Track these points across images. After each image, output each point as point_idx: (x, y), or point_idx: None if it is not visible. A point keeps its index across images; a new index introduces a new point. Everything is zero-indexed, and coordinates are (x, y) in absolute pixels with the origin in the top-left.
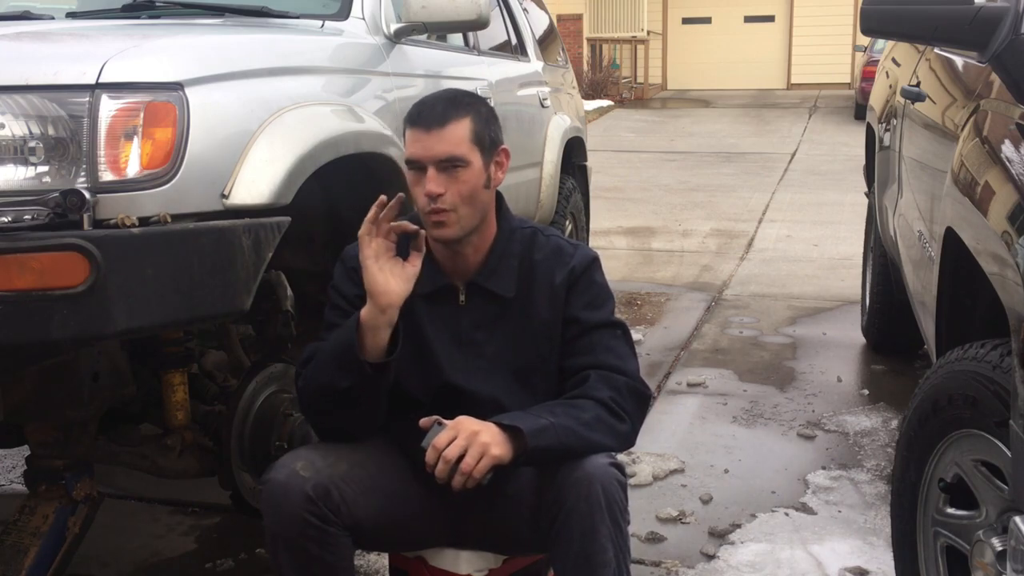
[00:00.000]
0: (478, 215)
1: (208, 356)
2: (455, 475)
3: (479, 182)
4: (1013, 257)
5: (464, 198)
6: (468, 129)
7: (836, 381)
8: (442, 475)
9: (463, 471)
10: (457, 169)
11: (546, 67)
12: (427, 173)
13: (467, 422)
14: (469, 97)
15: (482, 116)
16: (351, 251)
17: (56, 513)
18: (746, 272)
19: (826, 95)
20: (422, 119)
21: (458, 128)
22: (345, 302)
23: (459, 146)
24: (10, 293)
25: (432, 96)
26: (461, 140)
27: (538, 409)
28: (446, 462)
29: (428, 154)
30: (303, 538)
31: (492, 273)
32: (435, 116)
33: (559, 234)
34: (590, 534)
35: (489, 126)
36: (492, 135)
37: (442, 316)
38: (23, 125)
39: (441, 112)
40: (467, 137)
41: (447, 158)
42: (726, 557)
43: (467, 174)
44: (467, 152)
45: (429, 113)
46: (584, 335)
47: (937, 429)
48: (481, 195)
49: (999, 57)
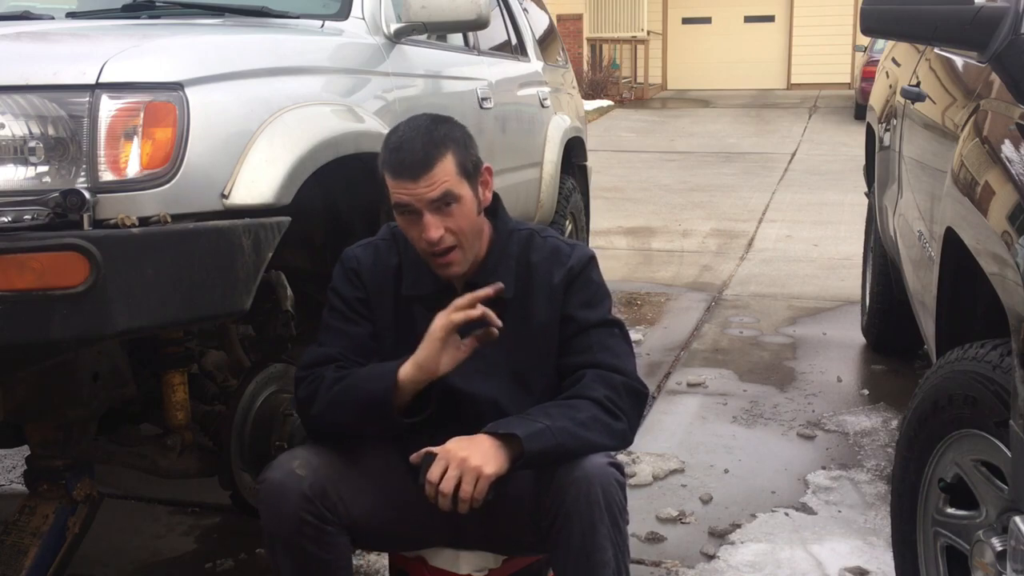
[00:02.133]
0: (477, 239)
1: (208, 356)
2: (457, 504)
3: (472, 210)
4: (1013, 257)
5: (462, 230)
6: (453, 164)
7: (836, 381)
8: (445, 507)
9: (463, 499)
10: (451, 205)
11: (546, 67)
12: (423, 218)
13: (455, 448)
14: (444, 127)
15: (460, 144)
16: (351, 252)
17: (56, 513)
18: (746, 272)
19: (826, 95)
20: (405, 168)
21: (443, 167)
22: (344, 305)
23: (449, 184)
24: (10, 293)
25: (406, 138)
26: (449, 176)
27: (534, 411)
28: (444, 496)
29: (421, 199)
30: (300, 537)
31: (491, 274)
32: (417, 162)
33: (556, 235)
34: (589, 534)
35: (469, 151)
36: (474, 160)
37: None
38: (23, 125)
39: (423, 156)
40: (454, 172)
41: (439, 198)
42: (726, 557)
43: (462, 206)
44: (456, 186)
45: (411, 159)
46: (581, 334)
47: (937, 429)
48: (476, 221)
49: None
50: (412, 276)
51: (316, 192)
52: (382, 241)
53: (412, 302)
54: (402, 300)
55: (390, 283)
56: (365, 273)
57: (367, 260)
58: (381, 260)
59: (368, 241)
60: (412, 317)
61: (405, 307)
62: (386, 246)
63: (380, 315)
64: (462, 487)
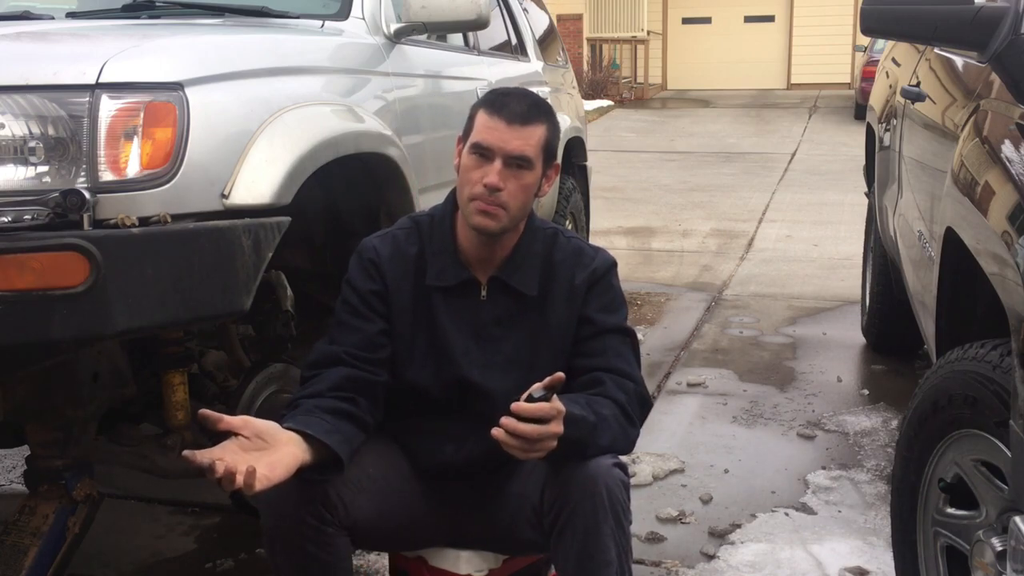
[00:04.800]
0: (521, 217)
1: (208, 356)
2: (512, 439)
3: (532, 188)
4: (1013, 257)
5: (518, 199)
6: (543, 135)
7: (836, 381)
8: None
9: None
10: (522, 170)
11: (546, 67)
12: (493, 163)
13: (562, 420)
14: (548, 106)
15: (554, 128)
16: (369, 243)
17: (56, 513)
18: (746, 272)
19: (826, 95)
20: (506, 110)
21: (536, 131)
22: (357, 298)
23: (532, 148)
24: (10, 293)
25: (514, 90)
26: (536, 143)
27: (566, 399)
28: (537, 432)
29: (503, 147)
30: (301, 538)
31: (516, 270)
32: (519, 112)
33: (579, 236)
34: (593, 533)
35: (556, 139)
36: (554, 149)
37: (461, 310)
38: (23, 125)
39: (525, 111)
40: (540, 143)
41: (519, 156)
42: (726, 557)
43: (529, 177)
44: (535, 156)
45: (514, 107)
46: (597, 337)
47: (937, 429)
48: (530, 199)
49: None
50: (437, 267)
51: (316, 192)
52: (400, 231)
53: (432, 291)
54: (422, 289)
55: (410, 272)
56: (384, 264)
57: (385, 251)
58: (400, 250)
59: (386, 232)
60: (431, 306)
61: (424, 296)
62: (405, 235)
63: (397, 306)
64: (533, 445)
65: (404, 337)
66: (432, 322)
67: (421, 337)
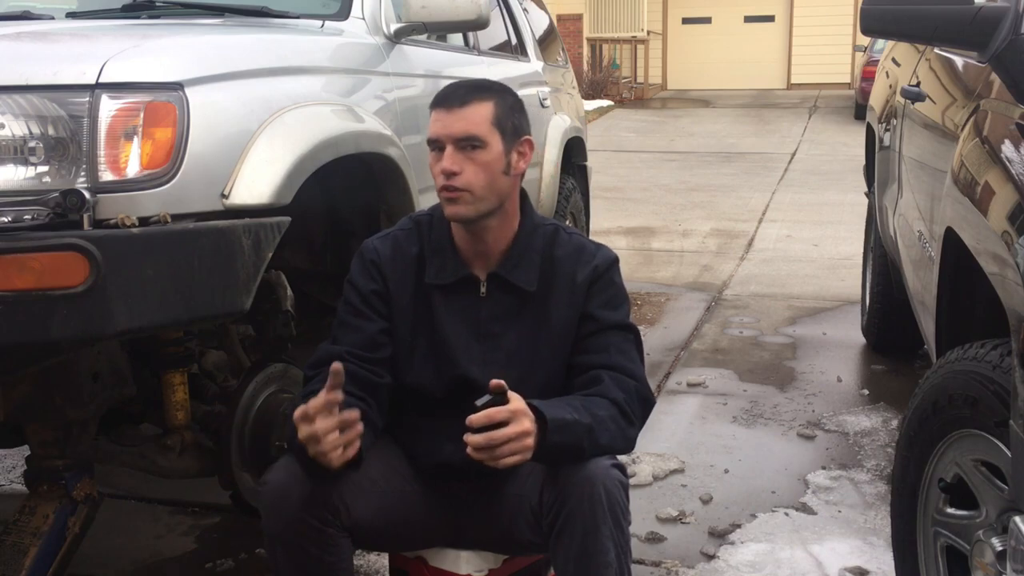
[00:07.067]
0: (495, 199)
1: (208, 356)
2: (482, 450)
3: (497, 166)
4: (1013, 257)
5: (480, 178)
6: (489, 111)
7: (836, 381)
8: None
9: (493, 457)
10: (476, 150)
11: (546, 67)
12: (444, 151)
13: (525, 417)
14: (497, 85)
15: (506, 103)
16: (370, 244)
17: (56, 513)
18: (746, 272)
19: (826, 95)
20: (445, 100)
21: (479, 109)
22: (358, 298)
23: (478, 126)
24: (10, 293)
25: (461, 80)
26: (481, 121)
27: (558, 403)
28: (486, 439)
29: (446, 132)
30: (302, 539)
31: (515, 266)
32: (457, 96)
33: (581, 233)
34: (592, 534)
35: (513, 113)
36: (515, 123)
37: (460, 307)
38: (23, 125)
39: (463, 93)
40: (487, 119)
41: (464, 136)
42: (726, 557)
43: (484, 155)
44: (486, 133)
45: (452, 94)
46: (598, 334)
47: (937, 429)
48: (499, 180)
49: (999, 57)
50: (435, 265)
51: (316, 192)
52: (401, 231)
53: (432, 290)
54: (422, 288)
55: (410, 272)
56: (385, 264)
57: (386, 251)
58: (401, 250)
59: (387, 232)
60: (430, 304)
61: (424, 295)
62: (405, 235)
63: (398, 305)
64: (504, 452)
65: (405, 336)
66: (432, 320)
67: (422, 335)
